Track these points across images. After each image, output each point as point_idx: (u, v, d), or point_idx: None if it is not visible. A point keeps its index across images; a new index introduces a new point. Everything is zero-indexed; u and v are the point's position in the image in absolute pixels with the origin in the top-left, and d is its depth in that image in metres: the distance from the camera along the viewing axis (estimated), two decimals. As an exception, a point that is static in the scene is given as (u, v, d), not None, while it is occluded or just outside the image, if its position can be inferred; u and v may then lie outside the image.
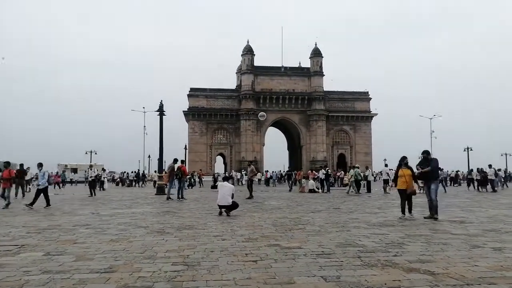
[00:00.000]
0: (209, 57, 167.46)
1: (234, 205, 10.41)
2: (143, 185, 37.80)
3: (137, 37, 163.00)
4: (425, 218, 9.36)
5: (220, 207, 10.42)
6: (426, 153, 9.94)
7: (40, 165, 13.59)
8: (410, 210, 9.80)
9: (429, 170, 9.46)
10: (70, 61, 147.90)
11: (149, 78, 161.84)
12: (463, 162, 56.92)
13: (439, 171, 10.74)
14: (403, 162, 10.05)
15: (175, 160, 18.14)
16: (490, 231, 7.45)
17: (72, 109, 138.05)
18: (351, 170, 24.16)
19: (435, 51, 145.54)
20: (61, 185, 33.42)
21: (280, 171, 50.15)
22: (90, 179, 20.45)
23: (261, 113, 24.93)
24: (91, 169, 21.21)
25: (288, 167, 30.16)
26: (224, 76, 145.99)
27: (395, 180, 10.35)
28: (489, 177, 23.58)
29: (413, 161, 10.69)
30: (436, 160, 9.69)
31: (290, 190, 24.44)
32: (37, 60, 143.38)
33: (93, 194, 20.04)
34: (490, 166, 24.07)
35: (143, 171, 47.27)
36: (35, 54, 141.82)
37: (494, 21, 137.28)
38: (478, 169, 25.68)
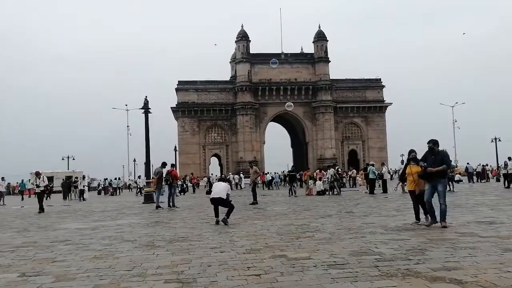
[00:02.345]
0: (199, 46, 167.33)
1: (229, 205, 10.52)
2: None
3: (118, 29, 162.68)
4: (426, 225, 8.56)
5: (213, 201, 10.54)
6: (432, 143, 8.66)
7: None
8: (426, 214, 8.97)
9: (444, 169, 8.40)
10: (46, 56, 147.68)
11: (134, 73, 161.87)
12: (490, 154, 57.05)
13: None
14: (410, 156, 9.34)
15: (164, 164, 18.16)
16: (523, 232, 7.47)
17: (47, 109, 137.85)
18: (330, 170, 24.30)
19: (455, 34, 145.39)
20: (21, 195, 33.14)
21: (283, 171, 50.20)
22: (38, 190, 17.64)
23: (288, 103, 24.97)
24: (38, 178, 17.59)
25: (292, 166, 28.03)
26: (217, 66, 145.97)
27: (401, 178, 9.90)
28: (509, 171, 23.48)
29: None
30: (447, 154, 8.72)
31: (290, 195, 22.85)
32: (11, 53, 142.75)
33: (42, 209, 17.27)
34: (510, 158, 23.76)
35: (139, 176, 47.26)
36: (9, 45, 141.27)
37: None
38: (505, 162, 25.57)
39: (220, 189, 10.71)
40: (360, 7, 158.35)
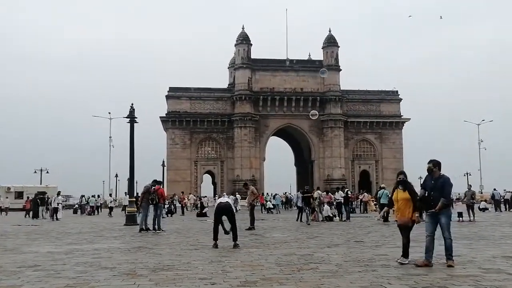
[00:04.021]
0: (194, 49, 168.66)
1: (234, 221, 11.27)
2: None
3: (104, 31, 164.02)
4: (417, 266, 7.88)
5: (219, 209, 11.27)
6: (432, 164, 8.30)
7: None
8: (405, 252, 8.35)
9: (444, 203, 7.92)
10: (13, 54, 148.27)
11: (119, 77, 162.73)
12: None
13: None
14: (398, 179, 8.80)
15: (156, 183, 18.21)
16: (557, 270, 7.44)
17: (15, 114, 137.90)
18: (315, 192, 23.68)
19: (483, 42, 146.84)
20: None
21: (285, 193, 50.10)
22: None
23: (313, 111, 23.80)
24: None
25: (306, 187, 24.68)
26: (214, 72, 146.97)
27: (389, 203, 9.49)
28: None
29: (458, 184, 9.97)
30: (448, 181, 8.14)
31: (300, 221, 22.00)
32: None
33: None
34: None
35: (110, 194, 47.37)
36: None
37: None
38: None
39: (226, 199, 12.40)
40: (375, 10, 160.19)
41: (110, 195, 41.36)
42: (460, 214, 21.07)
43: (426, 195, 8.19)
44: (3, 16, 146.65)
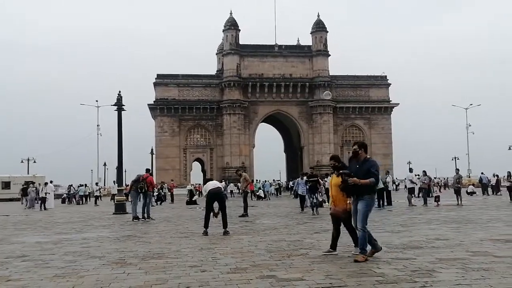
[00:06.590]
0: (181, 34, 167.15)
1: (225, 207, 11.32)
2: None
3: (91, 17, 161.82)
4: (356, 261, 6.95)
5: (212, 195, 11.22)
6: (358, 146, 7.52)
7: None
8: (333, 244, 7.93)
9: (371, 183, 7.15)
10: (4, 46, 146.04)
11: (106, 64, 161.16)
12: (507, 163, 57.74)
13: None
14: (330, 164, 8.20)
15: (148, 171, 18.22)
16: (543, 252, 7.56)
17: (3, 105, 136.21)
18: (305, 178, 20.11)
19: (472, 27, 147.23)
20: None
21: (274, 180, 50.32)
22: None
23: (326, 91, 23.29)
24: None
25: (310, 170, 22.57)
26: (202, 58, 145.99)
27: (327, 193, 8.76)
28: None
29: (444, 169, 10.15)
30: (375, 164, 7.42)
31: (307, 211, 19.11)
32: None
33: None
34: None
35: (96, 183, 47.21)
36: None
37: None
38: (509, 173, 25.60)
39: (215, 184, 11.73)
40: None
41: (97, 184, 41.23)
42: (437, 198, 21.08)
43: (353, 181, 7.19)
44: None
